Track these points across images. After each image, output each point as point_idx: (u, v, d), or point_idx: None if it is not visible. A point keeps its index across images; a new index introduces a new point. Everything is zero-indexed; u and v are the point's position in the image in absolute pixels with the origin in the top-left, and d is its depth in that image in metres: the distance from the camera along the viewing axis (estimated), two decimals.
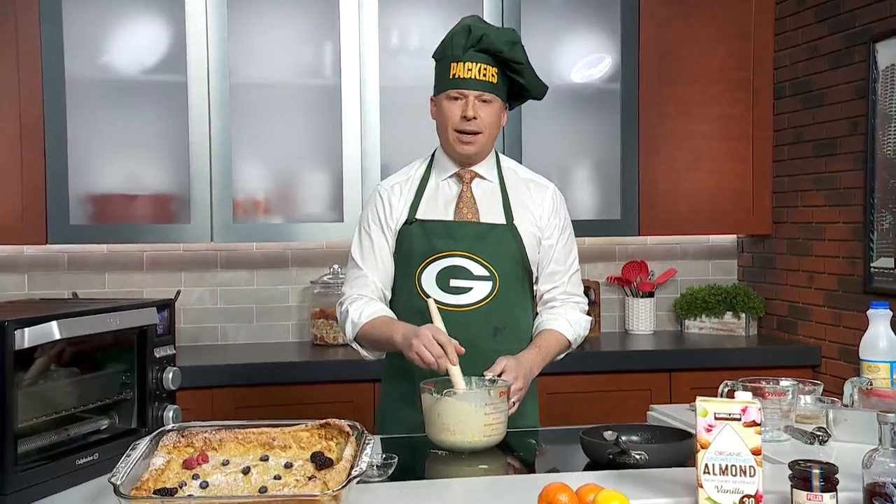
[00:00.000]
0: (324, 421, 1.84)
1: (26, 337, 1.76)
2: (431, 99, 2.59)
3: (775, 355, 3.91)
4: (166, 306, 2.13)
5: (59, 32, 3.62)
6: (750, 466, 1.64)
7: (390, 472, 1.95)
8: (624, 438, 1.99)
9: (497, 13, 3.87)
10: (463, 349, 2.28)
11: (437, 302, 2.42)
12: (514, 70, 2.46)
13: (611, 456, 1.99)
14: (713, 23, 4.04)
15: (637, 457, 1.97)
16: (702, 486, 1.66)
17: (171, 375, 2.12)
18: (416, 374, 2.40)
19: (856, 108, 3.65)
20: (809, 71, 3.90)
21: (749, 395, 1.69)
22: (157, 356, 2.11)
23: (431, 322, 2.32)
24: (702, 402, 1.67)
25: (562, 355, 2.54)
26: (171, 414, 2.12)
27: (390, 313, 2.49)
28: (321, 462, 1.77)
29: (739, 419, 1.64)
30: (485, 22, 2.53)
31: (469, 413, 2.16)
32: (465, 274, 2.45)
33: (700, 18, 4.03)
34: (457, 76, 2.45)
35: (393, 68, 3.91)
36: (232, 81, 3.76)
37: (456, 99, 2.46)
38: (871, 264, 3.57)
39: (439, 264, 2.46)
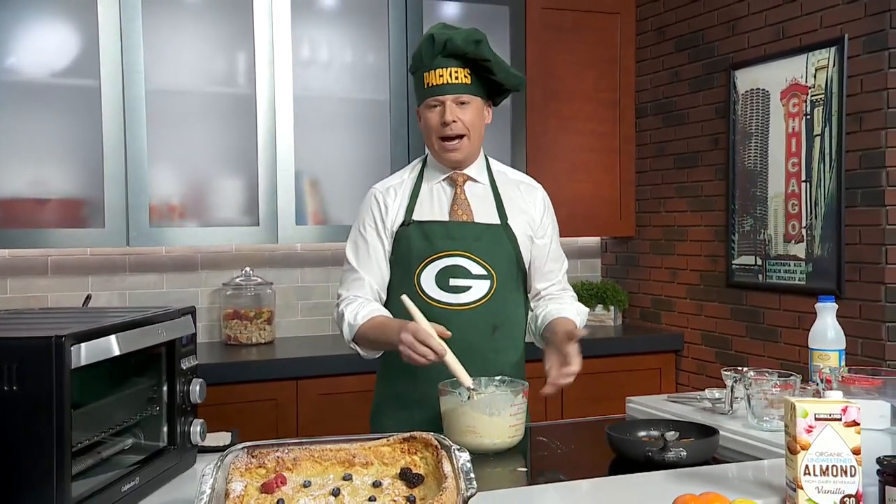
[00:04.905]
0: (408, 434, 1.49)
1: (83, 353, 1.31)
2: (417, 111, 2.26)
3: (645, 342, 3.84)
4: (189, 314, 1.70)
5: None
6: (851, 466, 1.45)
7: None
8: (669, 436, 1.75)
9: (401, 32, 3.56)
10: (449, 333, 1.97)
11: (436, 301, 2.13)
12: (484, 67, 2.17)
13: (649, 454, 1.75)
14: (585, 48, 3.92)
15: (673, 453, 1.74)
16: (802, 488, 1.45)
17: (197, 388, 1.70)
18: (417, 374, 2.08)
19: (717, 127, 3.62)
20: (670, 93, 3.86)
21: (840, 394, 1.50)
22: (184, 368, 1.67)
23: (412, 319, 2.00)
24: (801, 404, 1.46)
25: None
26: (197, 429, 1.69)
27: (386, 313, 2.16)
28: (412, 479, 1.43)
29: (840, 419, 1.45)
30: (448, 27, 2.21)
31: (496, 415, 1.88)
32: (463, 273, 2.15)
33: (575, 44, 3.89)
34: (430, 84, 2.15)
35: (304, 79, 3.51)
36: (147, 88, 3.24)
37: (434, 107, 2.16)
38: (733, 261, 3.56)
39: (438, 264, 2.15)
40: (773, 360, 3.35)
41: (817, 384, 2.16)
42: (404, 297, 2.04)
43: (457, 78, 2.12)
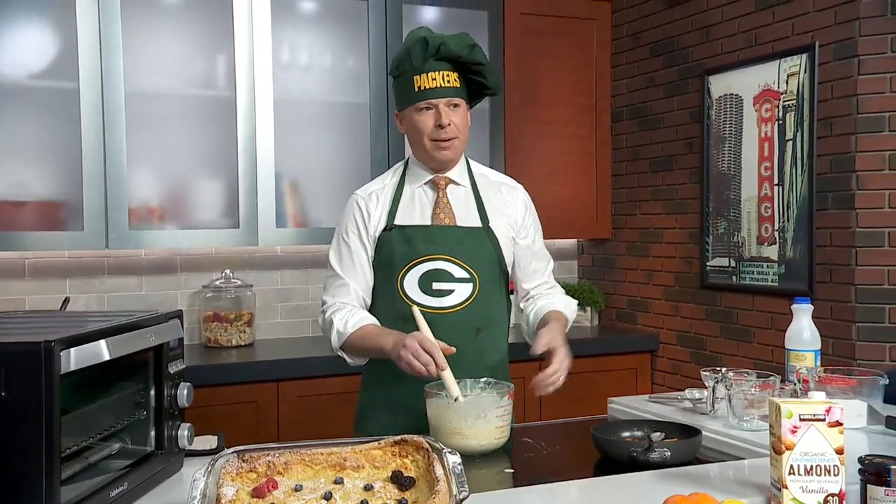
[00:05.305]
0: (399, 437, 1.48)
1: (73, 358, 1.28)
2: (396, 115, 2.24)
3: (621, 342, 3.85)
4: (177, 317, 1.67)
5: None
6: (834, 465, 1.45)
7: None
8: (655, 436, 1.75)
9: (381, 36, 3.55)
10: (453, 349, 1.98)
11: (419, 305, 2.10)
12: (475, 72, 2.16)
13: (634, 454, 1.75)
14: (563, 53, 3.93)
15: (658, 453, 1.73)
16: (787, 487, 1.45)
17: (185, 392, 1.67)
18: (405, 379, 2.06)
19: (691, 131, 3.64)
20: (645, 98, 3.88)
21: (823, 394, 1.50)
22: (171, 372, 1.64)
23: (417, 328, 2.01)
24: (786, 405, 1.46)
25: None
26: (185, 433, 1.66)
27: (375, 321, 2.14)
28: (403, 482, 1.41)
29: (824, 419, 1.45)
30: (431, 31, 2.20)
31: (482, 417, 1.87)
32: (446, 277, 2.14)
33: (553, 49, 3.90)
34: (423, 87, 2.12)
35: (284, 82, 3.48)
36: (126, 90, 3.20)
37: (427, 109, 2.14)
38: (707, 263, 3.58)
39: (421, 268, 2.13)
40: (746, 359, 3.37)
41: (794, 384, 2.17)
42: (415, 309, 2.03)
43: (449, 81, 2.11)
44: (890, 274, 2.94)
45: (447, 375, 1.93)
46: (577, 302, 2.37)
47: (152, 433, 1.61)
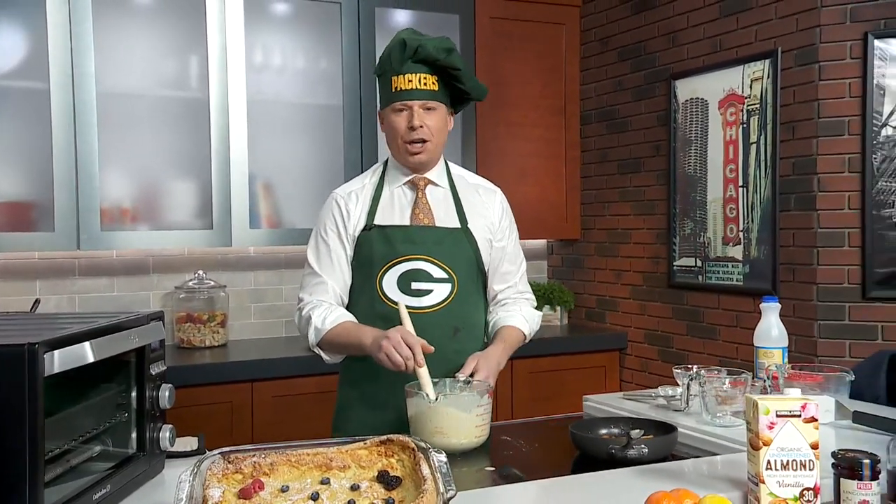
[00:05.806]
0: (384, 437, 1.47)
1: (56, 360, 1.25)
2: (379, 113, 2.23)
3: (591, 341, 3.87)
4: (158, 319, 1.64)
5: None
6: (809, 460, 1.47)
7: None
8: (634, 434, 1.76)
9: (354, 39, 3.53)
10: (432, 348, 1.97)
11: (398, 305, 2.09)
12: (453, 76, 2.16)
13: (613, 451, 1.75)
14: (533, 57, 3.94)
15: (636, 450, 1.74)
16: (763, 482, 1.47)
17: (166, 393, 1.64)
18: (383, 376, 2.04)
19: (658, 134, 3.67)
20: (613, 101, 3.90)
21: (798, 391, 1.52)
22: (153, 373, 1.62)
23: (400, 325, 1.99)
24: (763, 401, 1.47)
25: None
26: (167, 434, 1.63)
27: (353, 318, 2.12)
28: (389, 482, 1.40)
29: (800, 415, 1.47)
30: (418, 33, 2.20)
31: (463, 416, 1.87)
32: (425, 276, 2.13)
33: (523, 53, 3.91)
34: (399, 88, 2.12)
35: (258, 83, 3.45)
36: (97, 90, 3.15)
37: (401, 111, 2.13)
38: (674, 263, 3.61)
39: (400, 268, 2.12)
40: (712, 356, 3.40)
41: (764, 381, 2.20)
42: (401, 305, 2.02)
43: (425, 84, 2.11)
44: (850, 273, 2.99)
45: (423, 373, 1.92)
46: (540, 314, 2.36)
47: (134, 435, 1.58)
